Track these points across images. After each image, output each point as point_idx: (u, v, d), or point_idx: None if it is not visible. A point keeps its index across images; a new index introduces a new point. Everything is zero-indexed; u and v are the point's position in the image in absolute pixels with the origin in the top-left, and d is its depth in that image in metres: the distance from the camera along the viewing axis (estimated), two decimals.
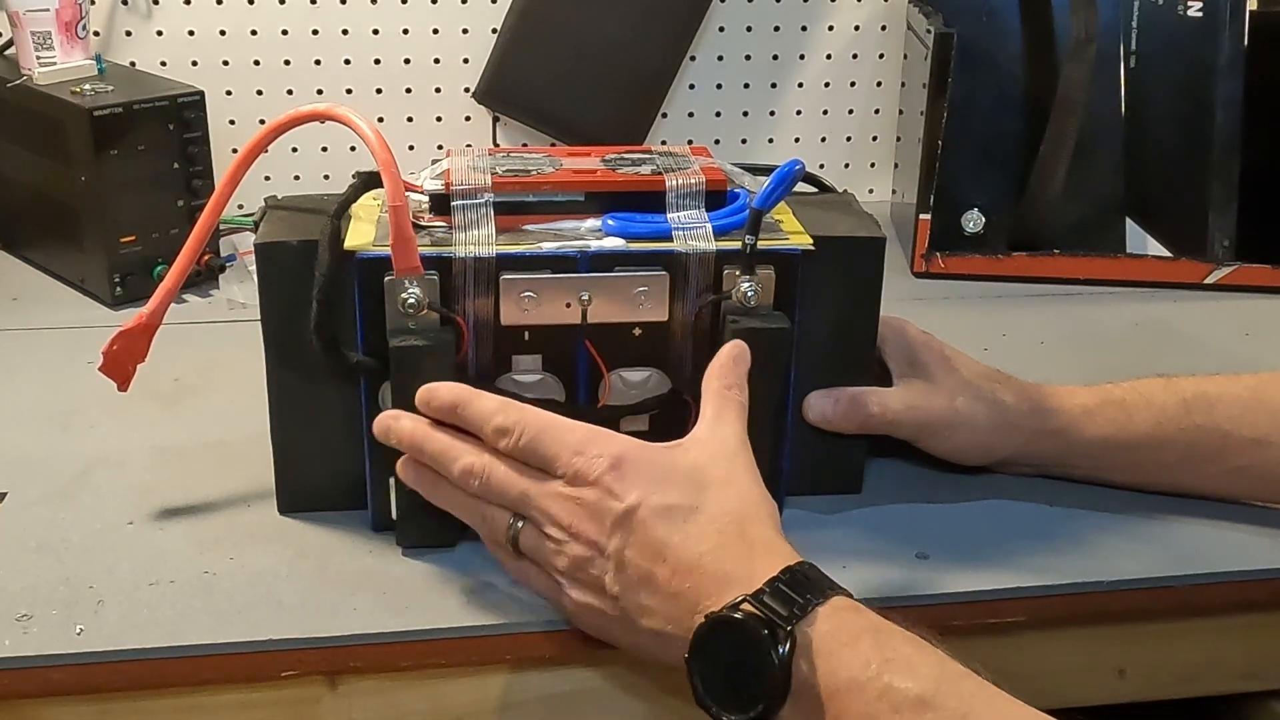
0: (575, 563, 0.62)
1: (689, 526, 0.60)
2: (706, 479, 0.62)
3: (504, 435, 0.64)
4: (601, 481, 0.61)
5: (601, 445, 0.62)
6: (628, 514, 0.60)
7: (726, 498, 0.61)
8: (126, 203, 1.02)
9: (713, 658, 0.57)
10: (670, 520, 0.60)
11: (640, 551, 0.60)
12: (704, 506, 0.61)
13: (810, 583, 0.58)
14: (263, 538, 0.73)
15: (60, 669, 0.64)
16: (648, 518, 0.60)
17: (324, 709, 0.67)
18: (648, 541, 0.60)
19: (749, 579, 0.57)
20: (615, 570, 0.61)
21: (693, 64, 1.29)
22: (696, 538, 0.60)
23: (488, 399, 0.65)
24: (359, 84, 1.24)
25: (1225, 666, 0.77)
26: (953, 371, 0.77)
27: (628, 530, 0.60)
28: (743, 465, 0.64)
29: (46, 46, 1.07)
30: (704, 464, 0.63)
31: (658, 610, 0.60)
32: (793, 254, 0.71)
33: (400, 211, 0.66)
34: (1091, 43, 1.11)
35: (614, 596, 0.61)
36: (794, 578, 0.57)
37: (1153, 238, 1.19)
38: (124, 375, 0.75)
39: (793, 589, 0.57)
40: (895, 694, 0.54)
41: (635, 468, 0.61)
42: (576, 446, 0.62)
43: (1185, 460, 0.76)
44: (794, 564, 0.58)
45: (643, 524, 0.60)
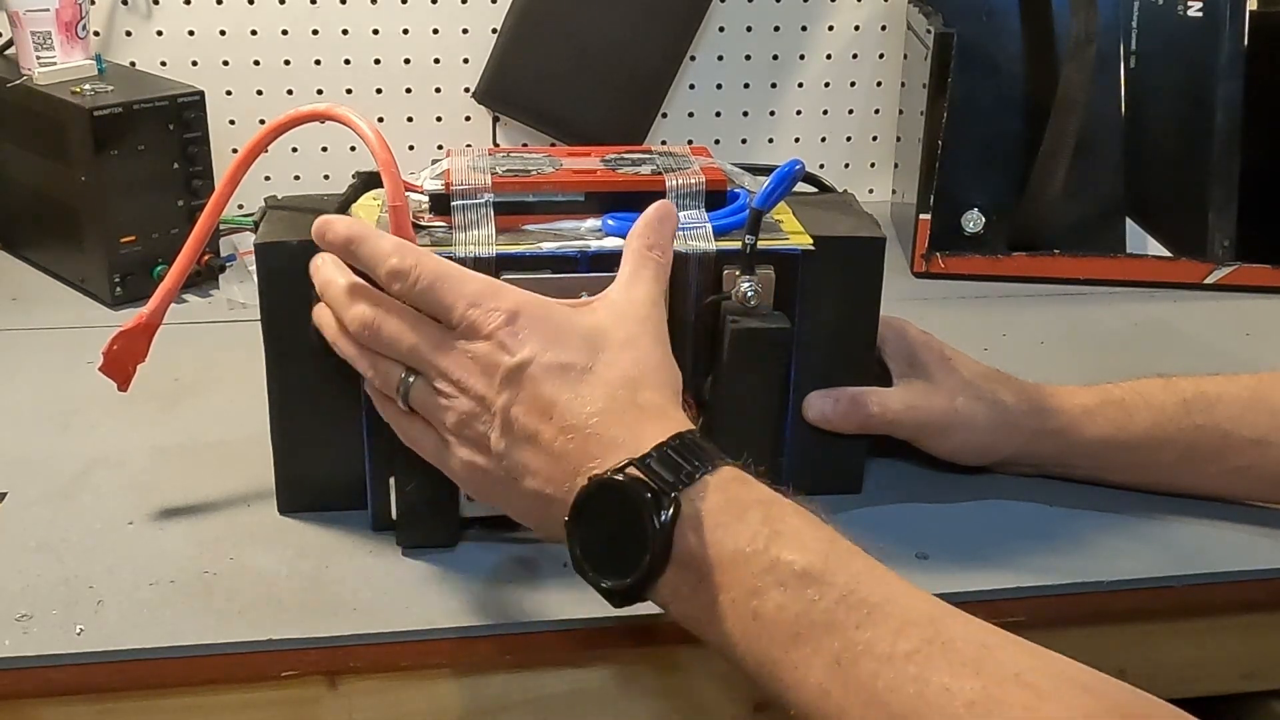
0: (462, 419, 0.60)
1: (580, 386, 0.58)
2: (606, 340, 0.60)
3: (398, 279, 0.61)
4: (495, 335, 0.59)
5: (499, 298, 0.60)
6: (518, 369, 0.58)
7: (623, 361, 0.59)
8: (126, 203, 1.02)
9: (593, 521, 0.56)
10: (561, 379, 0.58)
11: (527, 409, 0.58)
12: (597, 368, 0.59)
13: (700, 451, 0.56)
14: (263, 538, 0.73)
15: (60, 669, 0.64)
16: (538, 374, 0.58)
17: (324, 709, 0.67)
18: (535, 398, 0.58)
19: (636, 444, 0.56)
20: (501, 427, 0.59)
21: (693, 64, 1.29)
22: (586, 398, 0.58)
23: (385, 238, 0.63)
24: (359, 84, 1.24)
25: (1225, 666, 0.77)
26: (953, 372, 0.77)
27: (517, 386, 0.58)
28: (650, 330, 0.62)
29: (46, 46, 1.07)
30: (606, 325, 0.61)
31: (540, 470, 0.58)
32: (793, 254, 0.71)
33: (400, 211, 0.66)
34: (1091, 43, 1.11)
35: (498, 454, 0.59)
36: (683, 445, 0.56)
37: (1153, 238, 1.19)
38: (124, 375, 0.75)
39: (681, 456, 0.56)
40: (782, 567, 0.53)
41: (532, 323, 0.59)
42: (473, 298, 0.60)
43: (1185, 460, 0.76)
44: (685, 431, 0.57)
45: (532, 380, 0.58)
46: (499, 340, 0.59)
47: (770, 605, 0.52)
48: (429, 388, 0.62)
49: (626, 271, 0.64)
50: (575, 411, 0.58)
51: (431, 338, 0.61)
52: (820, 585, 0.52)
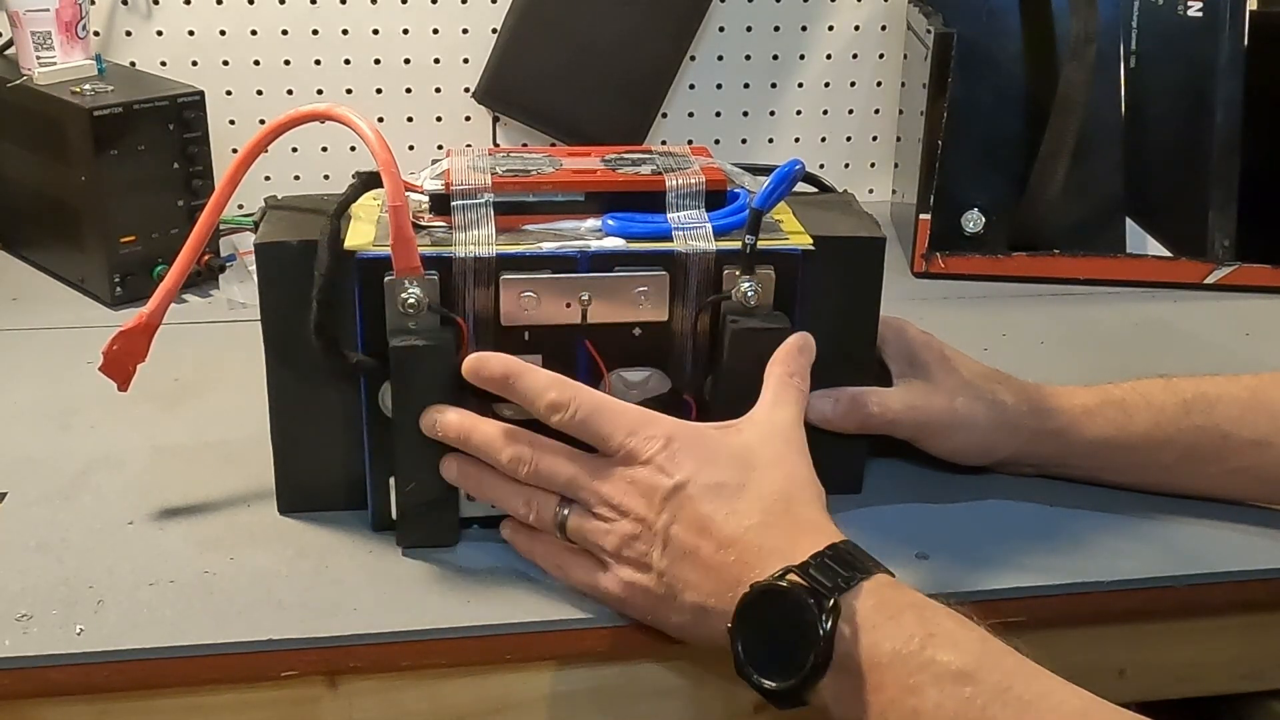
0: (624, 540, 0.63)
1: (735, 503, 0.61)
2: (755, 459, 0.63)
3: (557, 410, 0.65)
4: (654, 460, 0.63)
5: (655, 425, 0.64)
6: (676, 490, 0.62)
7: (773, 478, 0.63)
8: (126, 203, 1.02)
9: (756, 625, 0.58)
10: (717, 497, 0.61)
11: (686, 526, 0.61)
12: (750, 485, 0.62)
13: (854, 559, 0.59)
14: (263, 538, 0.73)
15: (60, 669, 0.64)
16: (696, 494, 0.61)
17: (324, 709, 0.67)
18: (694, 517, 0.61)
19: (793, 553, 0.59)
20: (662, 546, 0.62)
21: (693, 64, 1.29)
22: (742, 513, 0.61)
23: (540, 373, 0.66)
24: (359, 84, 1.24)
25: (1225, 666, 0.77)
26: (953, 372, 0.77)
27: (676, 505, 0.62)
28: (795, 448, 0.65)
29: (46, 46, 1.07)
30: (754, 444, 0.64)
31: (701, 584, 0.61)
32: (793, 254, 0.71)
33: (400, 212, 0.66)
34: (1091, 43, 1.11)
35: (660, 572, 0.62)
36: (838, 553, 0.58)
37: (1153, 238, 1.19)
38: (124, 375, 0.75)
39: (837, 563, 0.58)
40: (937, 666, 0.54)
41: (686, 446, 0.63)
42: (630, 427, 0.64)
43: (1184, 461, 0.76)
44: (838, 541, 0.59)
45: (690, 499, 0.61)
46: (657, 464, 0.63)
47: (929, 704, 0.54)
48: (587, 515, 0.65)
49: (769, 396, 0.67)
50: (732, 526, 0.61)
51: (590, 466, 0.65)
52: (975, 684, 0.54)
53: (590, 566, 0.66)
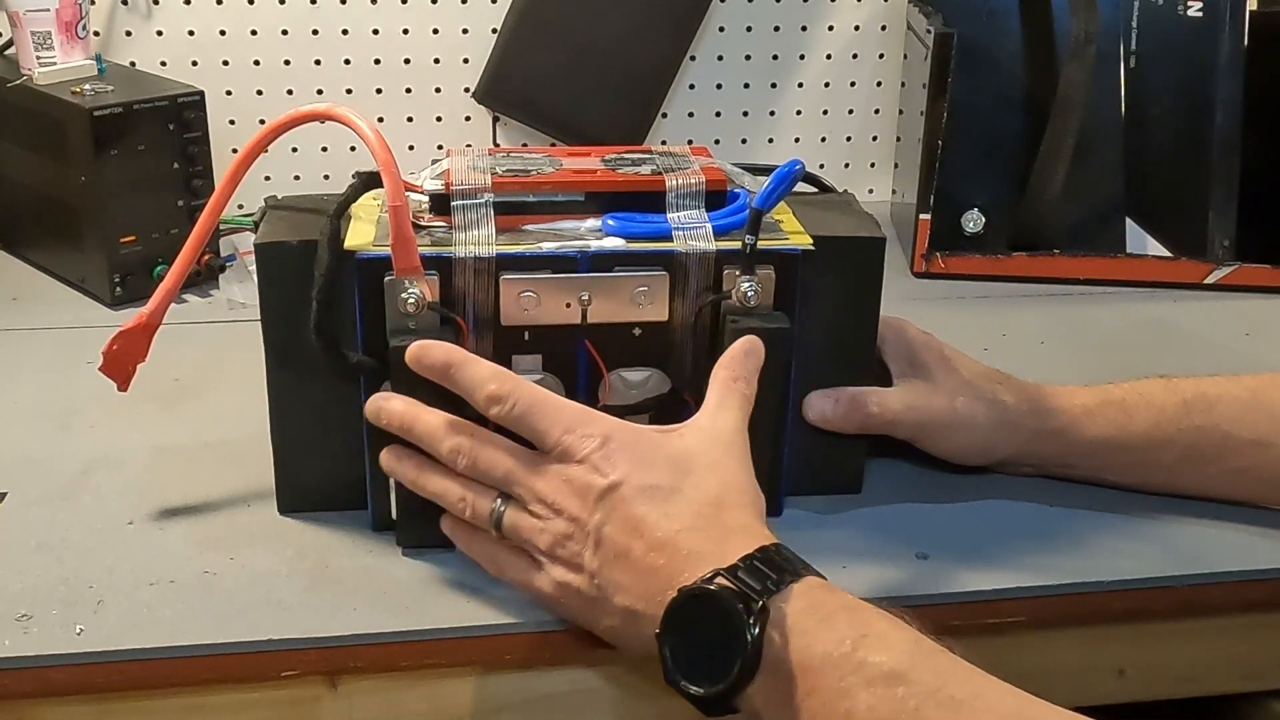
0: (557, 539, 0.63)
1: (667, 505, 0.61)
2: (693, 463, 0.63)
3: (496, 403, 0.64)
4: (589, 459, 0.62)
5: (592, 424, 0.63)
6: (610, 490, 0.61)
7: (709, 483, 0.62)
8: (126, 203, 1.02)
9: (684, 631, 0.57)
10: (650, 499, 0.61)
11: (618, 527, 0.61)
12: (685, 489, 0.61)
13: (784, 561, 0.58)
14: (263, 538, 0.73)
15: (60, 669, 0.64)
16: (629, 495, 0.61)
17: (324, 709, 0.67)
18: (626, 518, 0.61)
19: (722, 557, 0.58)
20: (594, 546, 0.61)
21: (693, 64, 1.29)
22: (673, 516, 0.60)
23: (482, 364, 0.65)
24: (359, 84, 1.24)
25: (1225, 666, 0.77)
26: (953, 372, 0.77)
27: (609, 506, 0.61)
28: (735, 455, 0.64)
29: (46, 46, 1.07)
30: (694, 449, 0.63)
31: (631, 586, 0.60)
32: (793, 254, 0.71)
33: (400, 211, 0.66)
34: (1091, 43, 1.11)
35: (591, 573, 0.62)
36: (767, 556, 0.58)
37: (1153, 238, 1.19)
38: (124, 375, 0.75)
39: (766, 566, 0.57)
40: (869, 668, 0.54)
41: (623, 446, 0.62)
42: (568, 424, 0.63)
43: (1184, 461, 0.76)
44: (768, 544, 0.59)
45: (623, 500, 0.61)
46: (592, 463, 0.62)
47: (861, 706, 0.53)
48: (522, 512, 0.64)
49: (712, 400, 0.66)
50: (664, 528, 0.60)
51: (527, 462, 0.64)
52: (908, 684, 0.53)
53: (525, 565, 0.65)
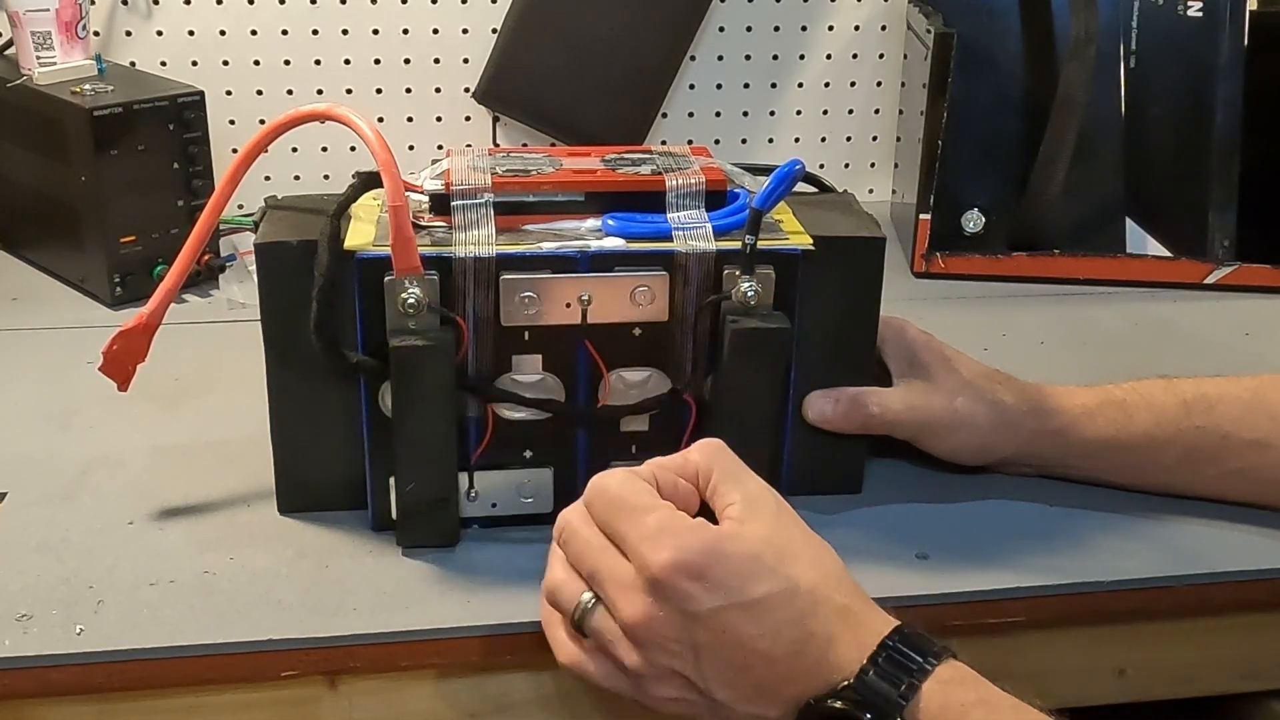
0: (651, 661, 0.58)
1: (783, 613, 0.57)
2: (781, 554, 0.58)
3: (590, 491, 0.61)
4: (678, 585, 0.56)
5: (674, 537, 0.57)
6: (714, 614, 0.57)
7: (804, 570, 0.58)
8: (126, 203, 1.02)
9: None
10: (762, 613, 0.57)
11: (735, 648, 0.57)
12: (790, 587, 0.57)
13: (910, 655, 0.56)
14: (263, 538, 0.73)
15: (60, 669, 0.64)
16: (737, 616, 0.57)
17: (324, 709, 0.67)
18: (741, 639, 0.57)
19: (848, 658, 0.56)
20: (703, 663, 0.57)
21: (693, 64, 1.29)
22: (793, 624, 0.57)
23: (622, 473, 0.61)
24: (359, 84, 1.24)
25: (1225, 666, 0.77)
26: (953, 372, 0.77)
27: (716, 630, 0.57)
28: (788, 512, 0.61)
29: (46, 46, 1.07)
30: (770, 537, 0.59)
31: (759, 699, 0.58)
32: (793, 254, 0.71)
33: (400, 211, 0.66)
34: (1091, 43, 1.11)
35: (706, 690, 0.58)
36: (891, 655, 0.56)
37: (1153, 238, 1.19)
38: (124, 375, 0.75)
39: (895, 665, 0.55)
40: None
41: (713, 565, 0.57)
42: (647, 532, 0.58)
43: (1184, 462, 0.76)
44: (888, 636, 0.56)
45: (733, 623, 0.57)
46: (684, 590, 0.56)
47: None
48: (610, 619, 0.59)
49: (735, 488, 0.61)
50: (786, 640, 0.57)
51: (613, 570, 0.59)
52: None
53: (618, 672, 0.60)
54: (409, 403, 0.68)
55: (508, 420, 0.72)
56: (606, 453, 0.73)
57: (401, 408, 0.68)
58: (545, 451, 0.73)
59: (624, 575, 0.58)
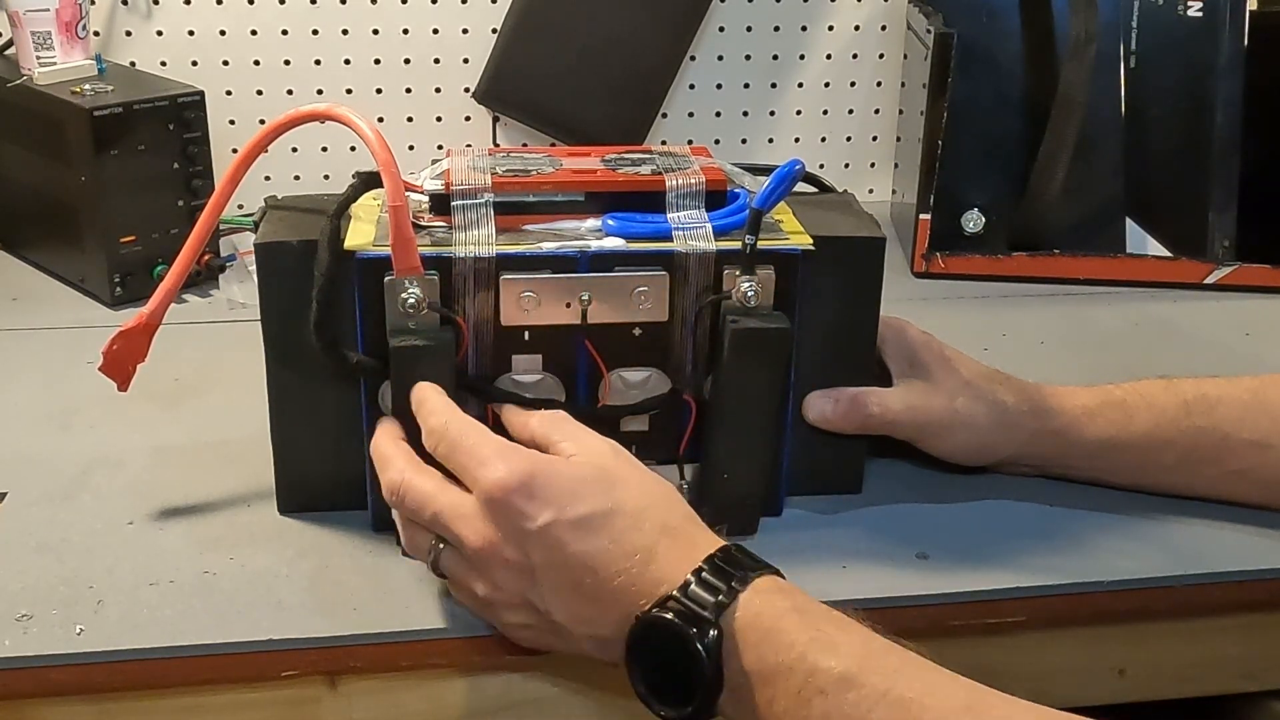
0: (497, 585, 0.62)
1: (610, 531, 0.60)
2: (610, 480, 0.62)
3: (431, 438, 0.64)
4: (512, 502, 0.60)
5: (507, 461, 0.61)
6: (545, 530, 0.60)
7: (633, 495, 0.61)
8: (126, 203, 1.02)
9: (648, 657, 0.58)
10: (590, 530, 0.60)
11: (564, 566, 0.60)
12: (617, 507, 0.60)
13: (733, 567, 0.58)
14: (263, 538, 0.73)
15: (60, 669, 0.64)
16: (567, 532, 0.59)
17: (324, 709, 0.67)
18: (573, 554, 0.60)
19: (674, 573, 0.58)
20: (540, 584, 0.61)
21: (693, 64, 1.29)
22: (617, 542, 0.60)
23: (436, 398, 0.66)
24: (359, 84, 1.24)
25: (1225, 666, 0.77)
26: (953, 372, 0.77)
27: (548, 547, 0.60)
28: (626, 458, 0.64)
29: (46, 46, 1.07)
30: (603, 465, 0.62)
31: (595, 618, 0.60)
32: (793, 254, 0.71)
33: (400, 211, 0.66)
34: (1091, 43, 1.11)
35: (546, 611, 0.61)
36: (715, 565, 0.58)
37: (1153, 238, 1.19)
38: (124, 375, 0.75)
39: (717, 576, 0.58)
40: (821, 674, 0.54)
41: (545, 481, 0.60)
42: (482, 458, 0.61)
43: (1184, 462, 0.76)
44: (715, 551, 0.59)
45: (563, 539, 0.59)
46: (517, 507, 0.60)
47: (816, 713, 0.54)
48: (458, 556, 0.63)
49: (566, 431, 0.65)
50: (611, 555, 0.59)
51: (452, 505, 0.62)
52: (859, 688, 0.54)
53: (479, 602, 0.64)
54: (408, 403, 0.68)
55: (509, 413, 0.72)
56: None
57: (401, 408, 0.68)
58: None
59: (463, 506, 0.62)
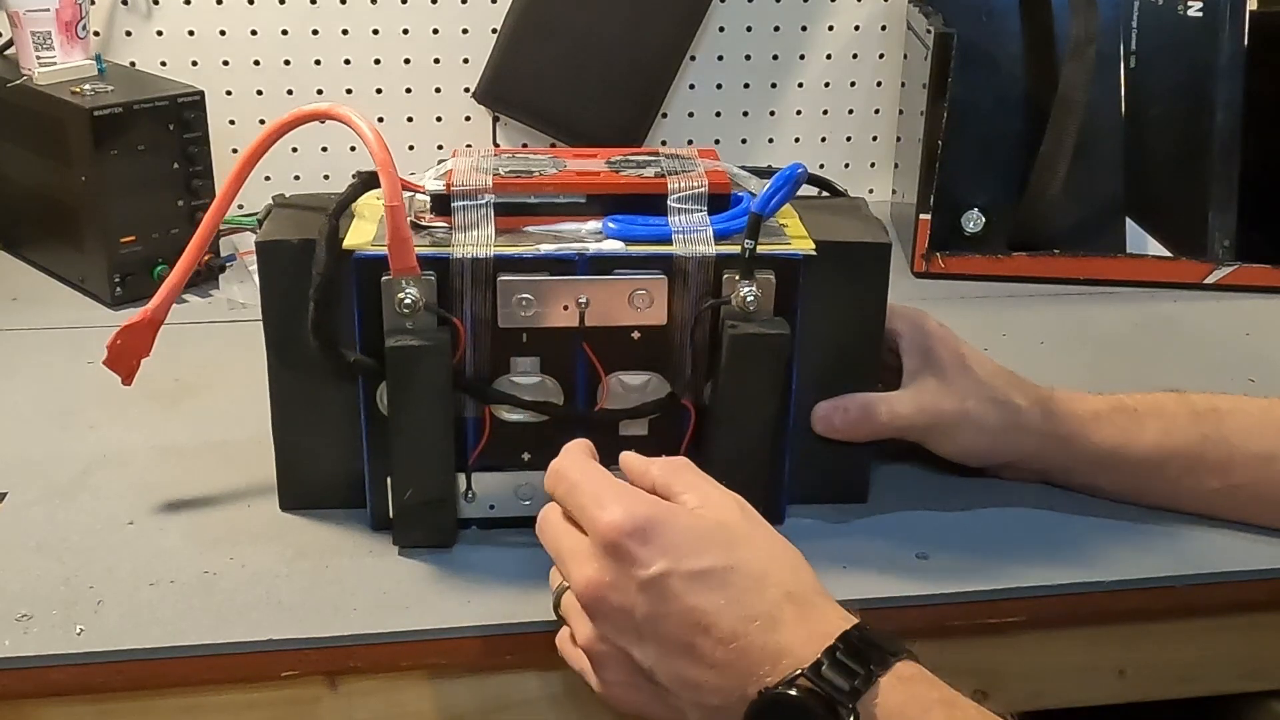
0: (600, 635, 0.58)
1: (728, 590, 0.55)
2: (733, 535, 0.58)
3: (553, 477, 0.62)
4: (625, 546, 0.56)
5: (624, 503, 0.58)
6: (657, 580, 0.55)
7: (758, 553, 0.57)
8: (126, 203, 1.02)
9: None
10: (706, 586, 0.55)
11: (678, 621, 0.55)
12: (739, 566, 0.56)
13: (870, 649, 0.54)
14: (263, 537, 0.73)
15: (60, 669, 0.64)
16: (680, 585, 0.55)
17: (324, 709, 0.67)
18: (685, 610, 0.55)
19: (802, 649, 0.54)
20: (646, 639, 0.56)
21: (693, 64, 1.29)
22: (739, 603, 0.55)
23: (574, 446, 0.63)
24: (359, 84, 1.24)
25: (1225, 666, 0.77)
26: (967, 371, 0.76)
27: (658, 598, 0.55)
28: (754, 514, 0.60)
29: (46, 46, 1.07)
30: (726, 520, 0.58)
31: (704, 684, 0.55)
32: (794, 259, 0.71)
33: (397, 212, 0.66)
34: (1091, 43, 1.11)
35: (649, 670, 0.57)
36: (851, 645, 0.54)
37: (1153, 238, 1.19)
38: (128, 369, 0.75)
39: (852, 658, 0.53)
40: None
41: (661, 531, 0.56)
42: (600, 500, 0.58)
43: (1188, 474, 0.75)
44: (850, 629, 0.55)
45: (676, 592, 0.55)
46: (629, 551, 0.56)
47: None
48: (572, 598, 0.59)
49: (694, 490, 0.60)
50: (731, 618, 0.55)
51: (572, 546, 0.59)
52: None
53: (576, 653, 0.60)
54: (405, 403, 0.68)
55: (505, 422, 0.72)
56: (605, 457, 0.73)
57: (398, 408, 0.68)
58: (543, 454, 0.73)
59: (579, 546, 0.58)
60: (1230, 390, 0.80)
